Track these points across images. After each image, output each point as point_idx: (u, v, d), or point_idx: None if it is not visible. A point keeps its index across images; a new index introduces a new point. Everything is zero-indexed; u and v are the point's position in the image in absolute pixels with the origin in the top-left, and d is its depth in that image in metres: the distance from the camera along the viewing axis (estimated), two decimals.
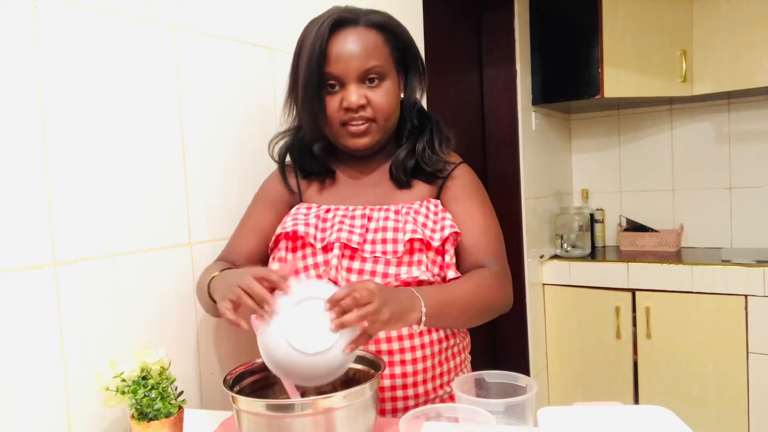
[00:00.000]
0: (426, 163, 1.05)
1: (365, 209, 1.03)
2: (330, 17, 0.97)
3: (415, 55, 1.06)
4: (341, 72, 0.97)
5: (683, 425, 0.73)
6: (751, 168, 2.68)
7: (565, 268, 2.61)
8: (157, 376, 0.82)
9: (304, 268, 1.00)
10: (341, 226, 1.00)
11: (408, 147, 1.06)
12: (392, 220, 1.00)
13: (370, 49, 0.98)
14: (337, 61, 0.97)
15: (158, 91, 1.02)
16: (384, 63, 1.00)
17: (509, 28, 2.47)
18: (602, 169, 3.01)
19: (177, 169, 1.06)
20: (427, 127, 1.08)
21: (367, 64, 0.97)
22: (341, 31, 0.98)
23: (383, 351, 0.97)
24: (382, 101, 1.00)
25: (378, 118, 1.01)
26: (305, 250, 1.00)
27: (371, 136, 1.02)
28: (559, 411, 0.78)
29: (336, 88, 0.99)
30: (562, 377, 2.65)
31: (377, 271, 0.97)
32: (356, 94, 0.98)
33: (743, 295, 2.22)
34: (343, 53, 0.97)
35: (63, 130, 0.87)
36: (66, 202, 0.87)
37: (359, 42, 0.97)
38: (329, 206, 1.05)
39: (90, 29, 0.91)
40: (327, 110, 1.00)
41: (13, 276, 0.80)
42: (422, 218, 1.00)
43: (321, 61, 0.96)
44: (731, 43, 2.41)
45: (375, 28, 0.99)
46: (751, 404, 2.22)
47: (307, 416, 0.71)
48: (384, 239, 0.98)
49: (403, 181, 1.05)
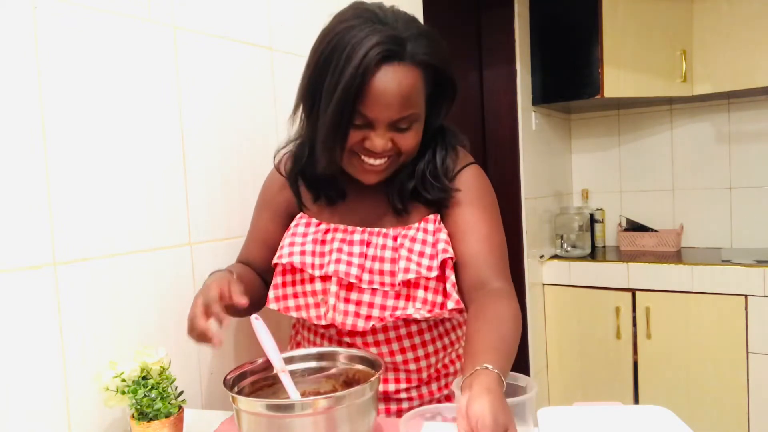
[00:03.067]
0: (426, 189, 0.97)
1: (363, 233, 0.98)
2: (377, 46, 0.83)
3: (451, 84, 0.95)
4: (375, 116, 0.87)
5: (683, 425, 0.73)
6: (751, 168, 2.68)
7: (565, 268, 2.61)
8: (157, 376, 0.82)
9: (303, 294, 0.99)
10: (339, 255, 0.96)
11: (409, 169, 0.97)
12: (390, 249, 0.95)
13: (410, 96, 0.87)
14: (374, 105, 0.85)
15: (158, 91, 1.02)
16: (419, 108, 0.90)
17: (509, 28, 2.47)
18: (602, 169, 3.01)
19: (177, 169, 1.06)
20: (430, 144, 0.98)
21: (403, 113, 0.87)
22: (385, 67, 0.85)
23: (385, 353, 0.98)
24: (409, 143, 0.91)
25: (401, 155, 0.93)
26: (303, 275, 0.98)
27: (387, 171, 0.94)
28: (559, 411, 0.78)
29: (362, 125, 0.89)
30: (562, 377, 2.65)
31: (375, 303, 0.95)
32: (383, 139, 0.89)
33: (743, 295, 2.22)
34: (382, 98, 0.85)
35: (63, 130, 0.87)
36: (66, 202, 0.87)
37: (402, 87, 0.85)
38: (328, 226, 1.00)
39: (90, 29, 0.91)
40: (346, 144, 0.90)
41: (13, 276, 0.80)
42: (419, 246, 0.95)
43: (357, 98, 0.85)
44: (731, 43, 2.41)
45: (419, 66, 0.88)
46: (751, 404, 2.22)
47: (307, 416, 0.71)
48: (381, 270, 0.94)
49: (399, 209, 0.99)
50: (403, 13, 0.90)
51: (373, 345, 0.98)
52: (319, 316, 0.98)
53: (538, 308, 2.62)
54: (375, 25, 0.85)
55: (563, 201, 2.96)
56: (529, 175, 2.54)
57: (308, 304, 0.99)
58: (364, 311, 0.95)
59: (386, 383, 0.99)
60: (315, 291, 0.98)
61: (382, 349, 0.98)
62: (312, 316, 0.99)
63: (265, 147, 1.26)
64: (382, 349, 0.98)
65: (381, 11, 0.88)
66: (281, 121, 1.30)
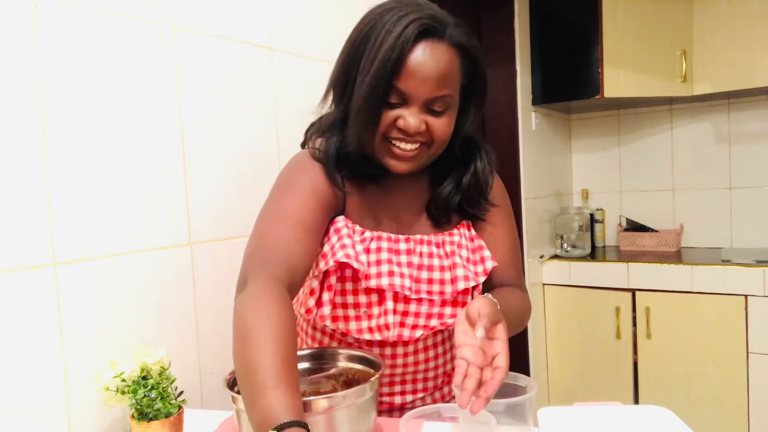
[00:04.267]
0: (469, 205, 0.99)
1: (408, 242, 0.95)
2: (417, 21, 0.82)
3: (484, 84, 0.94)
4: (410, 92, 0.84)
5: (683, 425, 0.73)
6: (751, 168, 2.68)
7: (565, 268, 2.61)
8: (157, 376, 0.82)
9: (342, 305, 0.92)
10: (391, 267, 0.90)
11: (452, 182, 0.97)
12: (437, 257, 0.95)
13: (447, 75, 0.85)
14: (410, 79, 0.83)
15: (158, 91, 1.02)
16: (455, 92, 0.88)
17: (509, 28, 2.47)
18: (602, 169, 3.01)
19: (177, 169, 1.06)
20: (472, 156, 0.99)
21: (439, 92, 0.85)
22: (424, 42, 0.84)
23: (387, 355, 0.97)
24: (443, 130, 0.89)
25: (433, 144, 0.90)
26: (345, 285, 0.91)
27: (418, 161, 0.91)
28: (559, 411, 0.78)
29: (396, 103, 0.86)
30: (562, 377, 2.65)
31: (421, 313, 0.93)
32: (417, 119, 0.86)
33: (743, 295, 2.22)
34: (419, 72, 0.83)
35: (63, 130, 0.87)
36: (66, 202, 0.87)
37: (440, 64, 0.84)
38: (372, 233, 0.94)
39: (90, 29, 0.91)
40: (379, 123, 0.87)
41: (13, 276, 0.80)
42: (466, 252, 0.96)
43: (395, 72, 0.83)
44: (731, 43, 2.41)
45: (457, 48, 0.87)
46: (751, 404, 2.22)
47: (307, 416, 0.71)
48: (430, 279, 0.93)
49: (441, 221, 0.99)
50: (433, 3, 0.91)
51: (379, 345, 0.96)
52: (360, 330, 0.92)
53: (538, 308, 2.62)
54: (411, 6, 0.85)
55: (563, 201, 2.96)
56: (529, 175, 2.54)
57: (348, 317, 0.92)
58: (410, 321, 0.93)
59: (392, 396, 0.98)
60: (359, 303, 0.91)
61: (388, 351, 0.96)
62: (352, 329, 0.92)
63: (265, 147, 1.26)
64: (388, 351, 0.96)
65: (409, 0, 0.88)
66: (281, 120, 1.30)
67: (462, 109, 0.94)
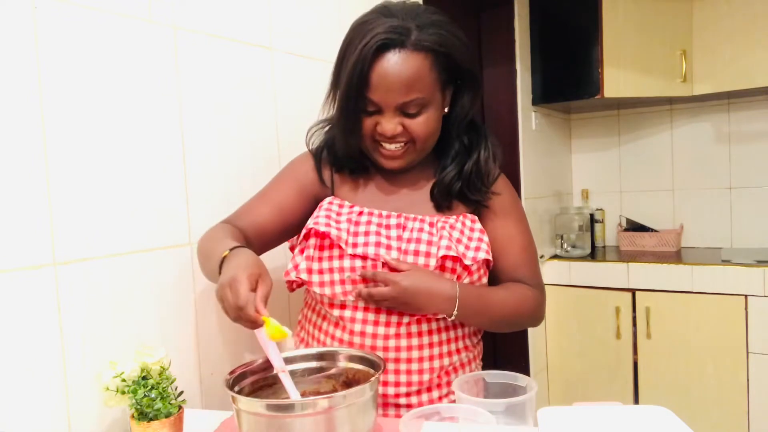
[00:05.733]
0: (470, 190, 1.02)
1: (399, 218, 1.00)
2: (376, 36, 0.90)
3: (469, 72, 0.99)
4: (380, 101, 0.93)
5: (683, 425, 0.73)
6: (751, 168, 2.68)
7: (565, 268, 2.61)
8: (157, 376, 0.82)
9: (329, 270, 0.97)
10: (378, 238, 0.97)
11: (455, 168, 1.02)
12: (426, 233, 0.97)
13: (413, 80, 0.91)
14: (377, 90, 0.92)
15: (158, 91, 1.02)
16: (427, 92, 0.94)
17: (509, 28, 2.47)
18: (602, 169, 3.01)
19: (177, 169, 1.06)
20: (476, 144, 1.03)
21: (407, 97, 0.92)
22: (386, 54, 0.91)
23: (391, 358, 0.97)
24: (421, 129, 0.96)
25: (416, 141, 0.97)
26: (332, 251, 0.97)
27: (406, 158, 0.99)
28: (559, 411, 0.78)
29: (374, 111, 0.95)
30: (562, 377, 2.65)
31: None
32: (392, 123, 0.94)
33: (743, 295, 2.22)
34: (383, 83, 0.91)
35: (63, 130, 0.87)
36: (66, 202, 0.87)
37: (403, 72, 0.91)
38: (362, 208, 1.02)
39: (90, 29, 0.91)
40: (362, 130, 0.97)
41: (13, 276, 0.80)
42: (457, 233, 0.99)
43: (361, 85, 0.92)
44: (731, 43, 2.41)
45: (424, 51, 0.92)
46: (751, 404, 2.22)
47: (307, 416, 0.71)
48: (417, 251, 0.96)
49: (443, 205, 1.03)
50: (419, 6, 0.96)
51: (383, 349, 0.97)
52: (345, 292, 0.97)
53: None
54: (382, 18, 0.92)
55: (563, 201, 2.96)
56: (529, 174, 2.54)
57: (333, 281, 0.97)
58: None
59: (385, 386, 0.98)
60: (342, 268, 0.96)
61: (390, 354, 0.96)
62: (337, 292, 0.97)
63: (264, 147, 1.26)
64: (390, 354, 0.96)
65: (393, 6, 0.94)
66: (281, 120, 1.30)
67: (454, 100, 1.01)
